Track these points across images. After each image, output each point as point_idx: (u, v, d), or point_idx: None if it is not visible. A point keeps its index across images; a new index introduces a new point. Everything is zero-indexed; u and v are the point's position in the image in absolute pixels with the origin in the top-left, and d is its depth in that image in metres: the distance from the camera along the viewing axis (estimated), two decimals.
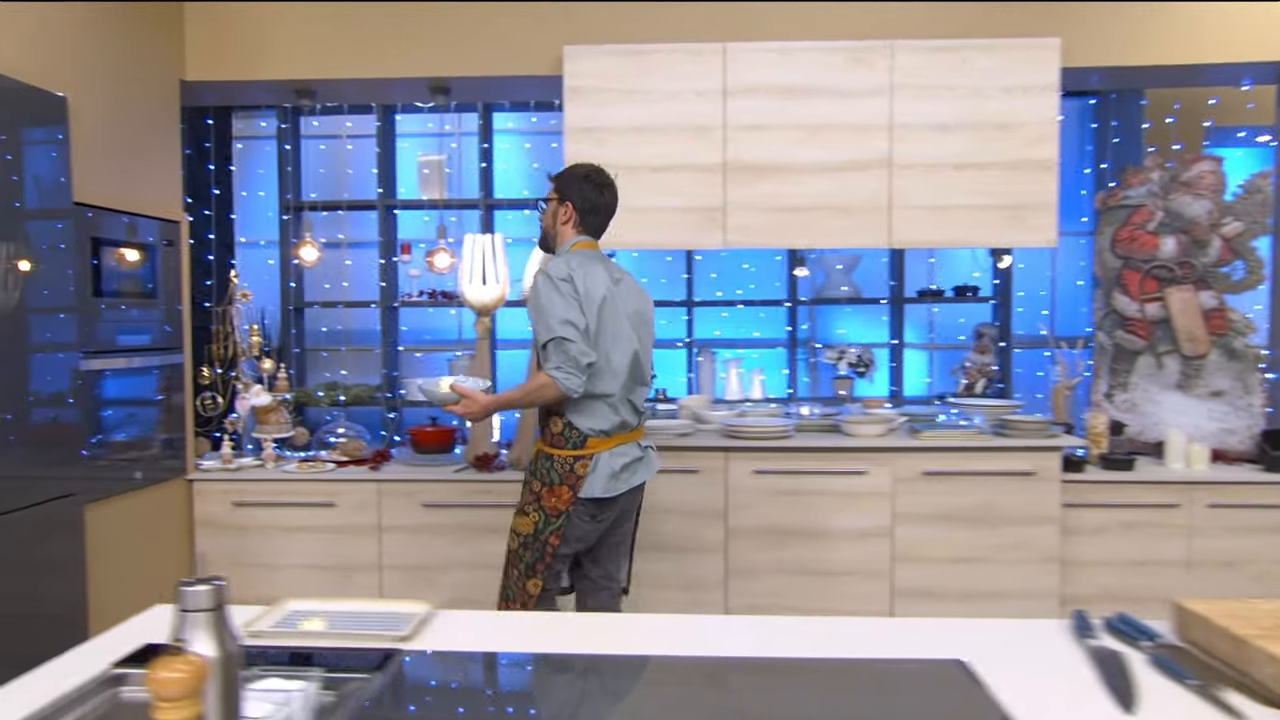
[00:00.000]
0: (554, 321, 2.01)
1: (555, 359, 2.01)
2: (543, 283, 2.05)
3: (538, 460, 2.13)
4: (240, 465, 3.20)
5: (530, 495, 2.14)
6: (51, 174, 2.39)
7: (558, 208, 2.20)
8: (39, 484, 2.33)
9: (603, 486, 2.10)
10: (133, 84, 2.85)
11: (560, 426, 2.11)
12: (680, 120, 2.96)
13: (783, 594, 2.91)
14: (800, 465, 2.90)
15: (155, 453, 2.95)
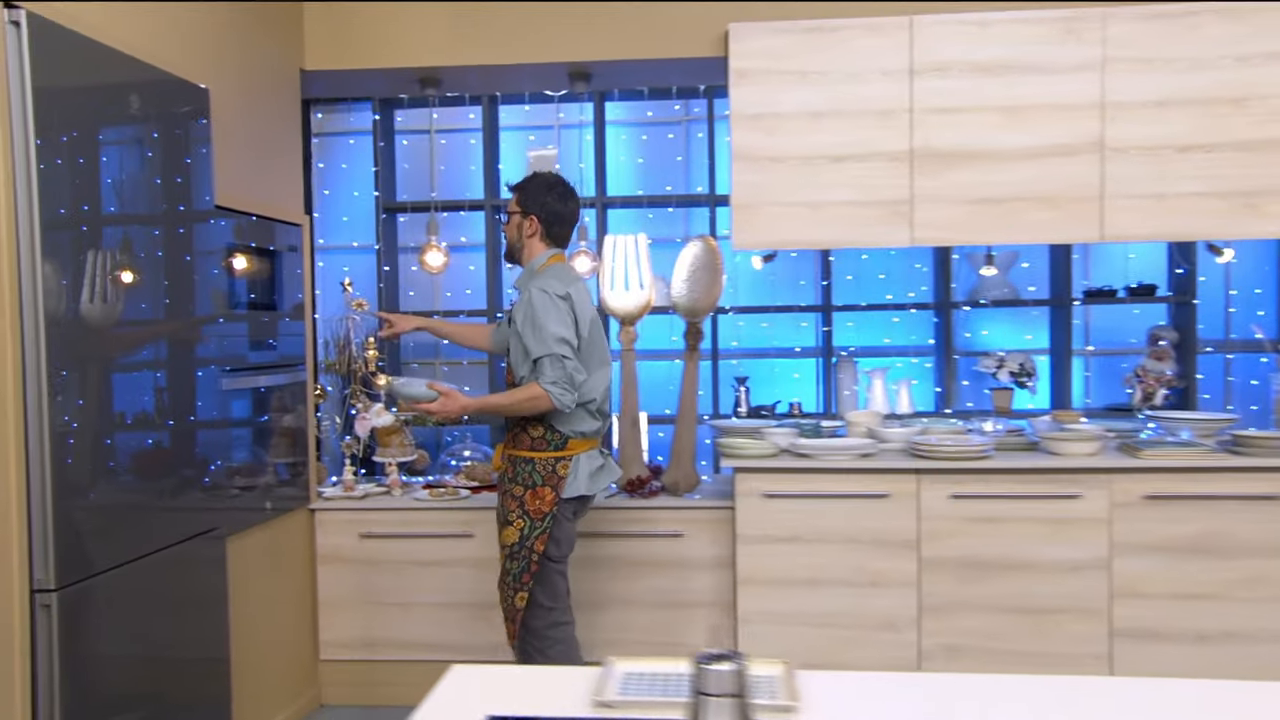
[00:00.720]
0: (550, 338, 2.18)
1: (551, 374, 2.19)
2: (540, 298, 2.21)
3: (515, 466, 2.28)
4: (366, 493, 3.10)
5: (512, 502, 2.27)
6: (196, 174, 2.31)
7: (522, 220, 2.33)
8: (185, 517, 2.25)
9: (585, 484, 2.29)
10: (258, 73, 2.78)
11: (541, 431, 2.27)
12: (861, 104, 2.84)
13: (984, 634, 2.75)
14: (1001, 488, 2.75)
15: (280, 480, 2.86)
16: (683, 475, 3.02)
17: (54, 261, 1.81)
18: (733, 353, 3.73)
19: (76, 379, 1.86)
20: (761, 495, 2.79)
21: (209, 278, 2.36)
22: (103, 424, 1.95)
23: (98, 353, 1.95)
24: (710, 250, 3.07)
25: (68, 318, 1.85)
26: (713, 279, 3.06)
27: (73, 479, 1.84)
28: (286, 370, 2.88)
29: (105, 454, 1.96)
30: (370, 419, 3.15)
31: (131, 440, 2.04)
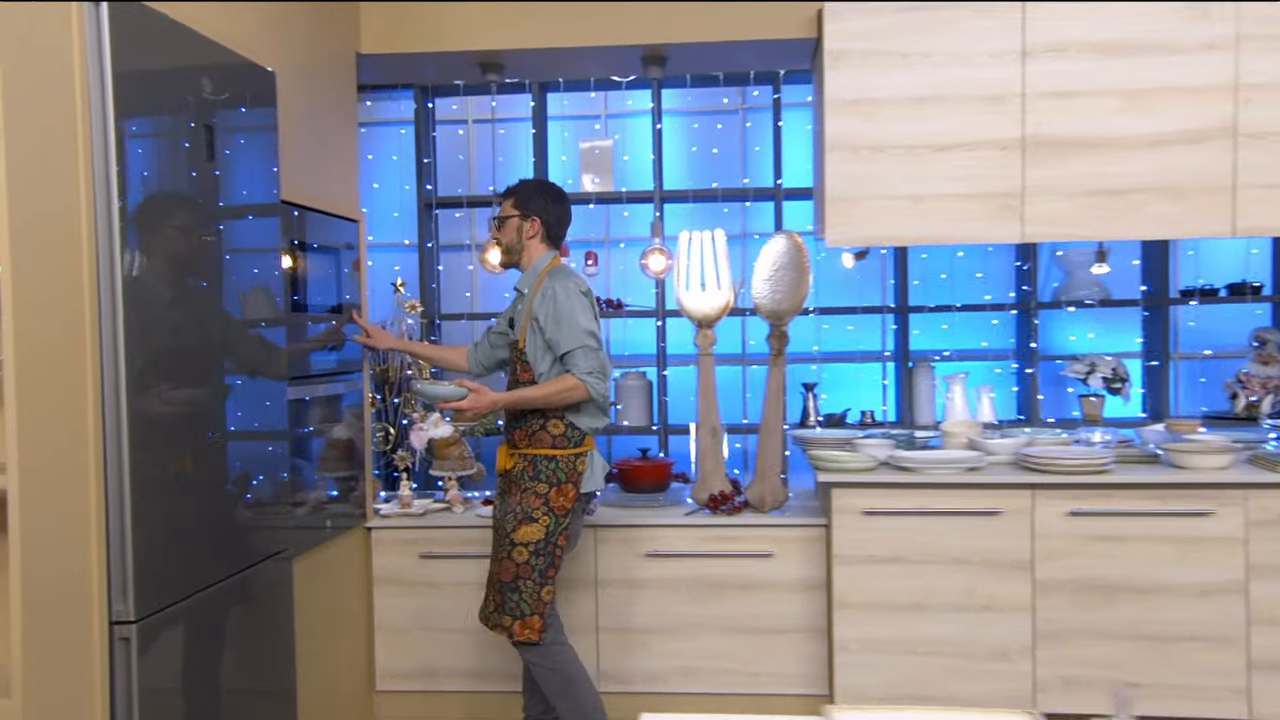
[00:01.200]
0: (580, 331, 2.33)
1: (586, 364, 2.34)
2: (565, 293, 2.36)
3: (536, 465, 2.41)
4: (425, 509, 3.02)
5: (535, 499, 2.40)
6: (264, 164, 2.24)
7: (522, 223, 2.47)
8: (255, 538, 2.17)
9: (599, 479, 2.48)
10: (317, 56, 2.71)
11: (562, 428, 2.42)
12: (968, 88, 2.75)
13: (1106, 664, 2.65)
14: (1124, 504, 2.65)
15: (336, 496, 2.78)
16: (769, 490, 2.93)
17: (133, 259, 1.73)
18: (799, 357, 3.65)
19: (154, 391, 1.78)
20: (861, 512, 2.70)
21: (274, 278, 2.29)
22: (178, 440, 1.87)
23: (175, 360, 1.87)
24: (795, 247, 2.99)
25: (147, 322, 1.77)
26: (798, 278, 2.97)
27: (151, 501, 1.76)
28: (344, 377, 2.80)
29: (181, 472, 1.88)
30: (428, 430, 3.06)
31: (204, 455, 1.96)
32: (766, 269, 3.00)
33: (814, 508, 2.98)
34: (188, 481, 1.91)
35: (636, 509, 3.00)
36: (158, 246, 1.82)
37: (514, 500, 2.43)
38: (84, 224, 1.67)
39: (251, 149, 2.19)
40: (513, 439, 2.48)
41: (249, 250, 2.18)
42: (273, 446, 2.28)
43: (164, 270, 1.84)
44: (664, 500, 3.05)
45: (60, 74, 1.64)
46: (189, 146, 1.94)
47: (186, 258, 1.92)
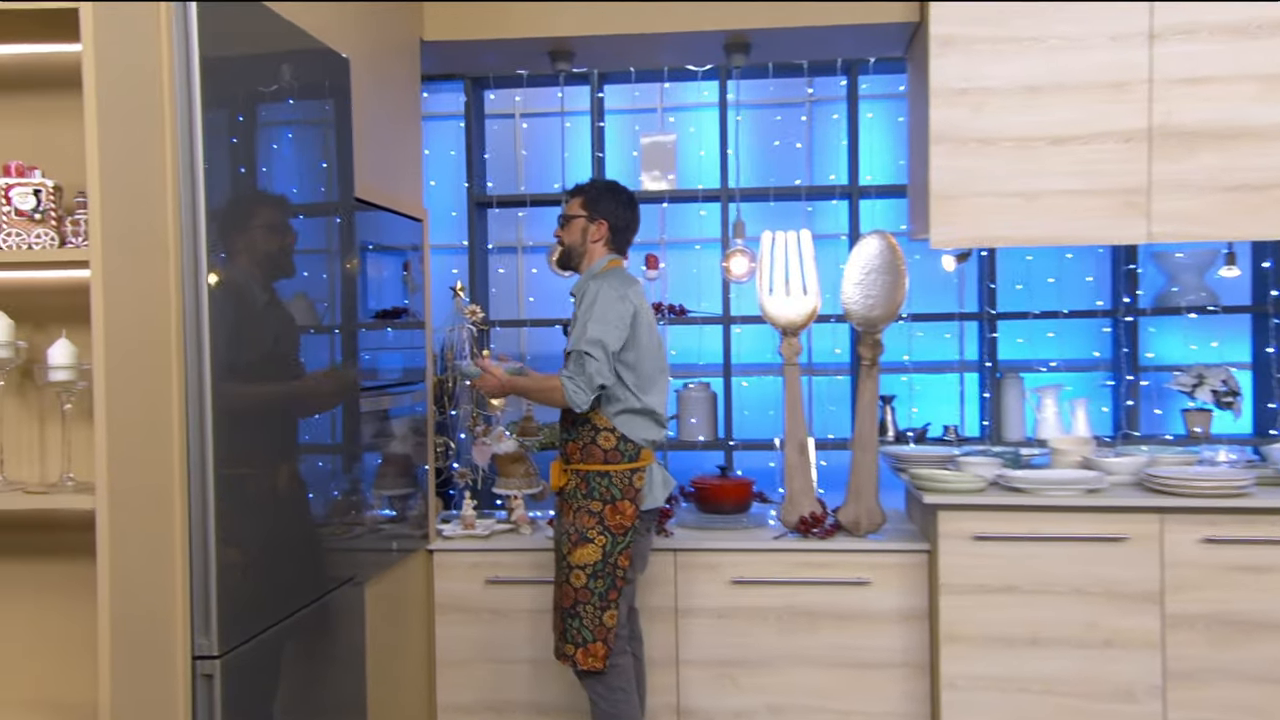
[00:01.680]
0: (586, 336, 2.32)
1: (571, 369, 2.33)
2: (601, 295, 2.34)
3: (588, 481, 2.40)
4: (490, 530, 2.94)
5: (589, 519, 2.39)
6: (341, 159, 2.18)
7: (588, 225, 2.45)
8: (329, 563, 2.11)
9: (660, 495, 2.45)
10: (384, 42, 2.66)
11: (614, 441, 2.40)
12: (1088, 74, 2.65)
13: (1245, 708, 2.53)
14: (1266, 531, 2.53)
15: (399, 516, 2.72)
16: (864, 512, 2.83)
17: (220, 264, 1.67)
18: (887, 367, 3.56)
19: (238, 407, 1.72)
20: (970, 537, 2.60)
21: (349, 281, 2.23)
22: (260, 459, 1.81)
23: (259, 372, 1.82)
24: (889, 248, 2.89)
25: (232, 333, 1.71)
26: (893, 282, 2.88)
27: (235, 527, 1.70)
28: (409, 389, 2.74)
29: (263, 494, 1.82)
30: (491, 445, 3.00)
31: (286, 475, 1.90)
32: (857, 272, 2.91)
33: (911, 531, 2.89)
34: (269, 504, 1.85)
35: (717, 531, 2.91)
36: (243, 249, 1.76)
37: (568, 520, 2.41)
38: (170, 228, 1.61)
39: (329, 142, 2.14)
40: (566, 453, 2.46)
41: (325, 251, 2.12)
42: (346, 463, 2.22)
43: (250, 274, 1.79)
44: (746, 522, 2.97)
45: (148, 63, 1.58)
46: (272, 140, 1.88)
47: (271, 261, 1.87)
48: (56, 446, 1.66)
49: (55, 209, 1.56)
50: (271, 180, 1.90)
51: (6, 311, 1.58)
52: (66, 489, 1.55)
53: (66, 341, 1.57)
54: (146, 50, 1.58)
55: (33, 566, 1.67)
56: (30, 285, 1.66)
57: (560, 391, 2.32)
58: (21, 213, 1.53)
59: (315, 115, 2.08)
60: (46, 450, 1.67)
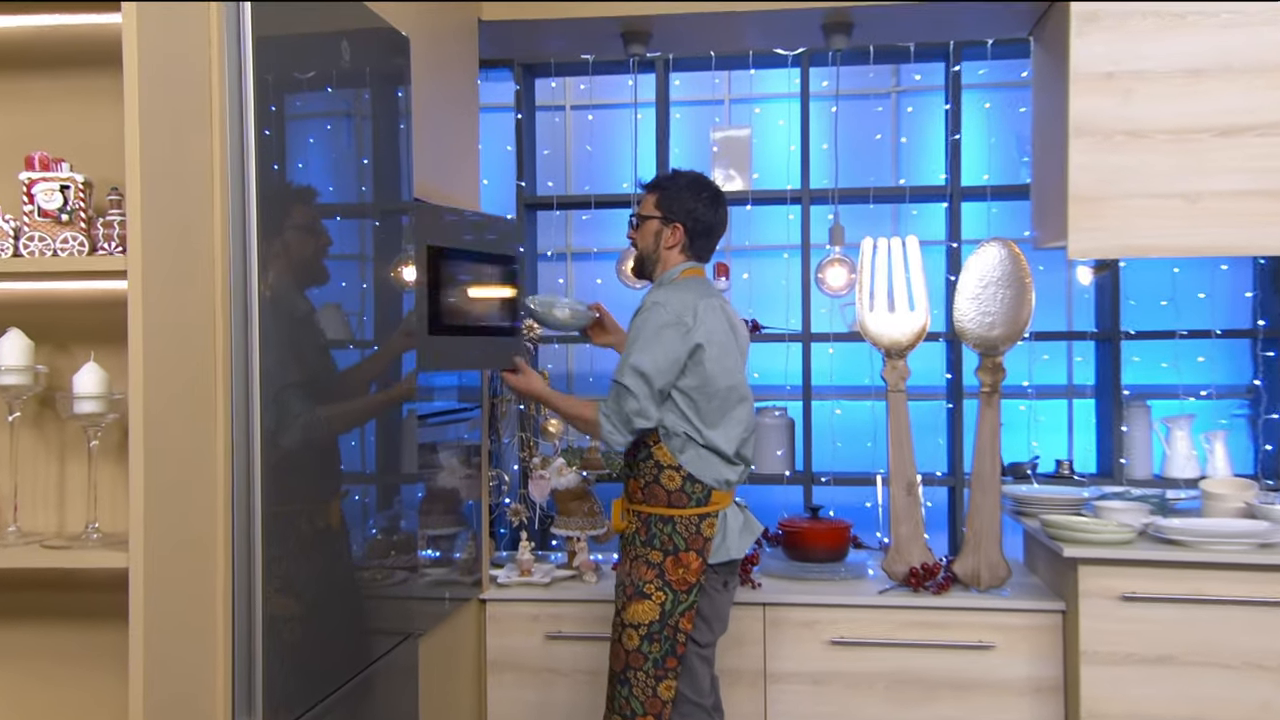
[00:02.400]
0: (629, 366, 2.16)
1: (609, 405, 2.19)
2: (655, 311, 2.17)
3: (649, 526, 2.22)
4: (551, 577, 2.77)
5: (647, 570, 2.21)
6: (400, 152, 2.03)
7: (662, 228, 2.28)
8: (382, 620, 1.95)
9: (735, 546, 2.24)
10: (442, 20, 2.51)
11: (679, 481, 2.21)
12: (1264, 54, 2.44)
13: None
14: None
15: (446, 559, 2.56)
16: (986, 564, 2.63)
17: (271, 277, 1.52)
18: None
19: (288, 444, 1.56)
20: (1118, 597, 2.39)
21: (402, 292, 2.08)
22: (310, 507, 1.65)
23: (313, 398, 1.66)
24: (1012, 258, 2.71)
25: (286, 353, 1.56)
26: (1016, 297, 2.69)
27: (284, 589, 1.54)
28: (463, 414, 2.59)
29: (312, 549, 1.66)
30: (550, 479, 2.83)
31: (332, 523, 1.74)
32: (973, 284, 2.72)
33: (1039, 587, 2.68)
34: (319, 558, 1.69)
35: (811, 582, 2.72)
36: (291, 254, 1.61)
37: (624, 569, 2.25)
38: (217, 233, 1.46)
39: (392, 134, 1.99)
40: (628, 490, 2.28)
41: (390, 257, 1.97)
42: (398, 503, 2.06)
43: (295, 283, 1.63)
44: (844, 572, 2.77)
45: (196, 37, 1.43)
46: (331, 129, 1.73)
47: (316, 266, 1.71)
48: (80, 490, 1.51)
49: (85, 209, 1.42)
50: (329, 176, 1.75)
51: (26, 330, 1.44)
52: (92, 542, 1.40)
53: (95, 366, 1.42)
54: (195, 22, 1.43)
55: (50, 631, 1.52)
56: (53, 298, 1.52)
57: (596, 426, 2.19)
58: (46, 213, 1.39)
59: (378, 103, 1.93)
60: (68, 494, 1.52)
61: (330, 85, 1.74)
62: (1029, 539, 2.92)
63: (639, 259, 2.34)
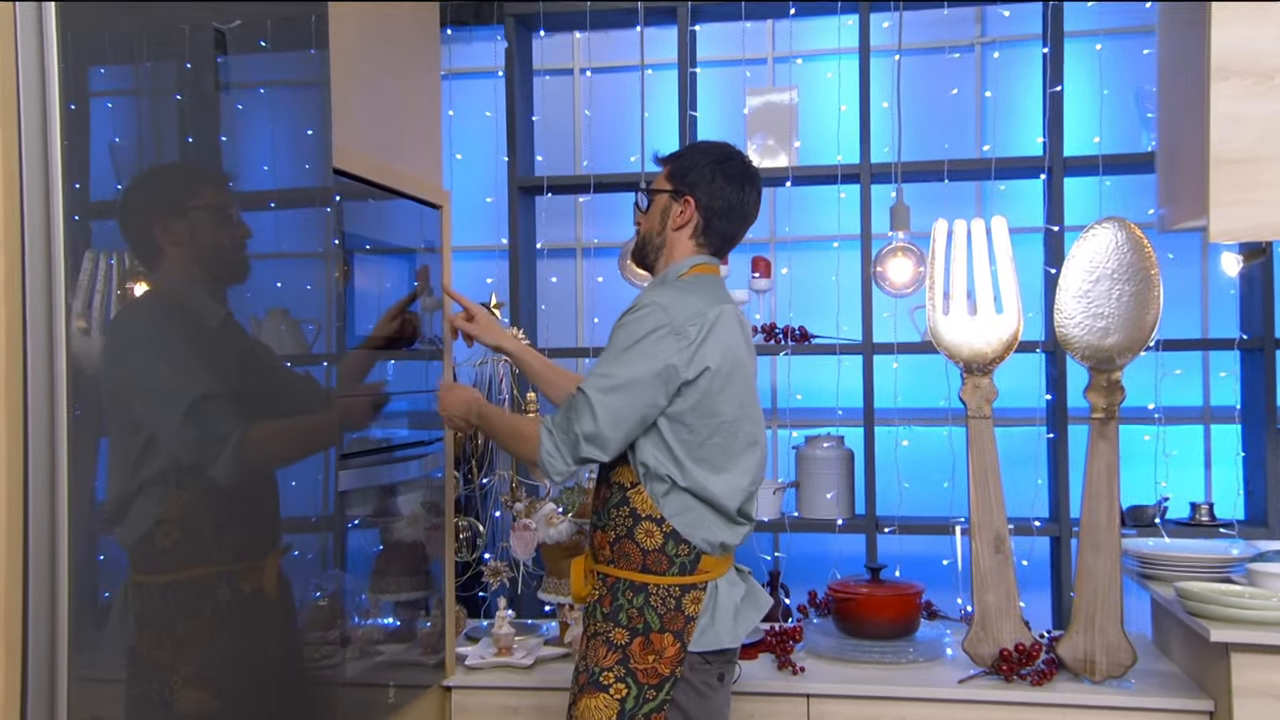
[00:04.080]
0: (600, 372, 1.89)
1: (557, 419, 1.92)
2: (649, 316, 1.89)
3: (615, 594, 1.94)
4: (534, 656, 2.47)
5: (608, 653, 1.91)
6: (302, 120, 1.76)
7: (671, 204, 2.04)
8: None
9: (729, 630, 1.95)
10: None
11: (659, 539, 1.92)
12: None
13: None
14: None
15: (403, 634, 2.28)
16: (1103, 645, 2.27)
17: (91, 284, 1.25)
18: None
19: (114, 489, 1.28)
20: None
21: (318, 296, 1.80)
22: (149, 564, 1.37)
23: (144, 444, 1.38)
24: (1133, 244, 2.39)
25: (101, 373, 1.28)
26: (1139, 294, 2.38)
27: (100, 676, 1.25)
28: (420, 449, 2.30)
29: (157, 620, 1.38)
30: (537, 529, 2.53)
31: (195, 592, 1.46)
32: (1081, 278, 2.41)
33: (1174, 676, 2.32)
34: (171, 635, 1.40)
35: (871, 666, 2.40)
36: (140, 258, 1.34)
37: (583, 650, 1.97)
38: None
39: (284, 100, 1.72)
40: (594, 545, 2.01)
41: (279, 256, 1.69)
42: (315, 566, 1.78)
43: (145, 295, 1.37)
44: (914, 653, 2.43)
45: None
46: (182, 100, 1.45)
47: (179, 272, 1.46)
48: None
49: None
50: (181, 158, 1.47)
51: None
52: None
53: None
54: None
55: None
56: None
57: (534, 443, 1.90)
58: None
59: (279, 68, 1.66)
60: None
61: (180, 46, 1.46)
62: (1159, 610, 2.55)
63: (639, 242, 2.10)
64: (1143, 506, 3.03)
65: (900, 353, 3.03)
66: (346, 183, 2.00)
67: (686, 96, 3.16)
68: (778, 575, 3.06)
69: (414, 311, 2.29)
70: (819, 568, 3.15)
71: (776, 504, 3.14)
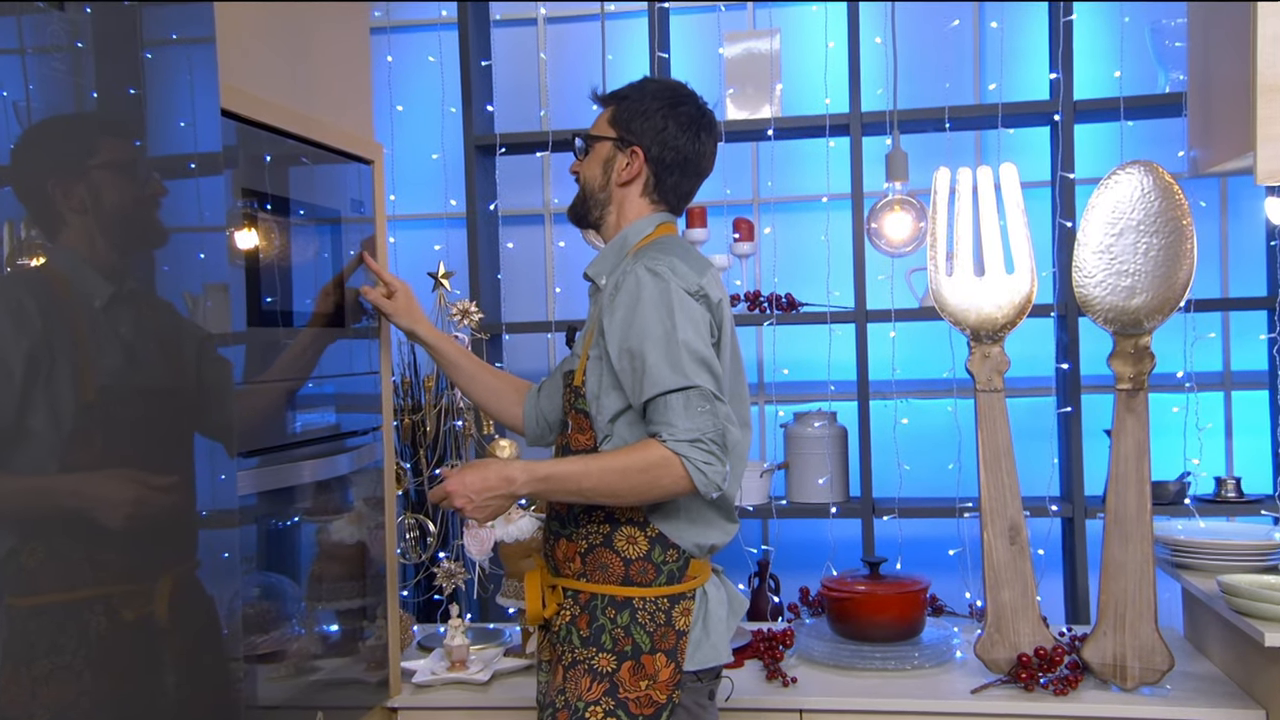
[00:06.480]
0: (688, 357, 1.65)
1: (689, 423, 1.62)
2: (653, 284, 1.68)
3: (594, 613, 1.72)
4: (491, 669, 2.20)
5: (592, 684, 1.69)
6: (169, 53, 1.46)
7: (615, 153, 1.82)
8: None
9: (725, 641, 1.79)
10: None
11: (643, 545, 1.72)
12: None
13: None
14: None
15: (340, 647, 2.02)
16: (1135, 647, 2.01)
17: None
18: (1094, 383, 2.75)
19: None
20: None
21: (219, 267, 1.52)
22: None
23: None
24: (1163, 189, 2.11)
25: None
26: (1171, 247, 2.12)
27: None
28: (353, 441, 2.02)
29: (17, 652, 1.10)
30: (494, 527, 2.26)
31: (61, 621, 1.19)
32: (1102, 231, 2.14)
33: (1216, 680, 2.07)
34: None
35: (871, 675, 2.14)
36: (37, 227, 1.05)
37: (551, 683, 1.76)
38: None
39: (157, 23, 1.41)
40: (555, 558, 1.78)
41: (146, 215, 1.40)
42: (226, 579, 1.51)
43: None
44: (919, 657, 2.16)
45: None
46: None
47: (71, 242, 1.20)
48: None
49: None
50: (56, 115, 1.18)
51: None
52: None
53: None
54: None
55: None
56: None
57: (676, 470, 1.59)
58: None
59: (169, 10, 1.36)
60: None
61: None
62: (1192, 603, 2.28)
63: (579, 197, 1.85)
64: (1163, 483, 2.77)
65: (898, 320, 2.76)
66: (252, 133, 1.71)
67: (656, 36, 2.86)
68: (767, 567, 2.81)
69: (352, 286, 2.01)
70: (812, 557, 2.90)
71: (764, 488, 2.89)
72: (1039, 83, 2.90)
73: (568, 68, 3.24)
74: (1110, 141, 2.87)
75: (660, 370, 1.62)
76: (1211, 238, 2.99)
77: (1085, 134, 2.88)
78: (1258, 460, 2.95)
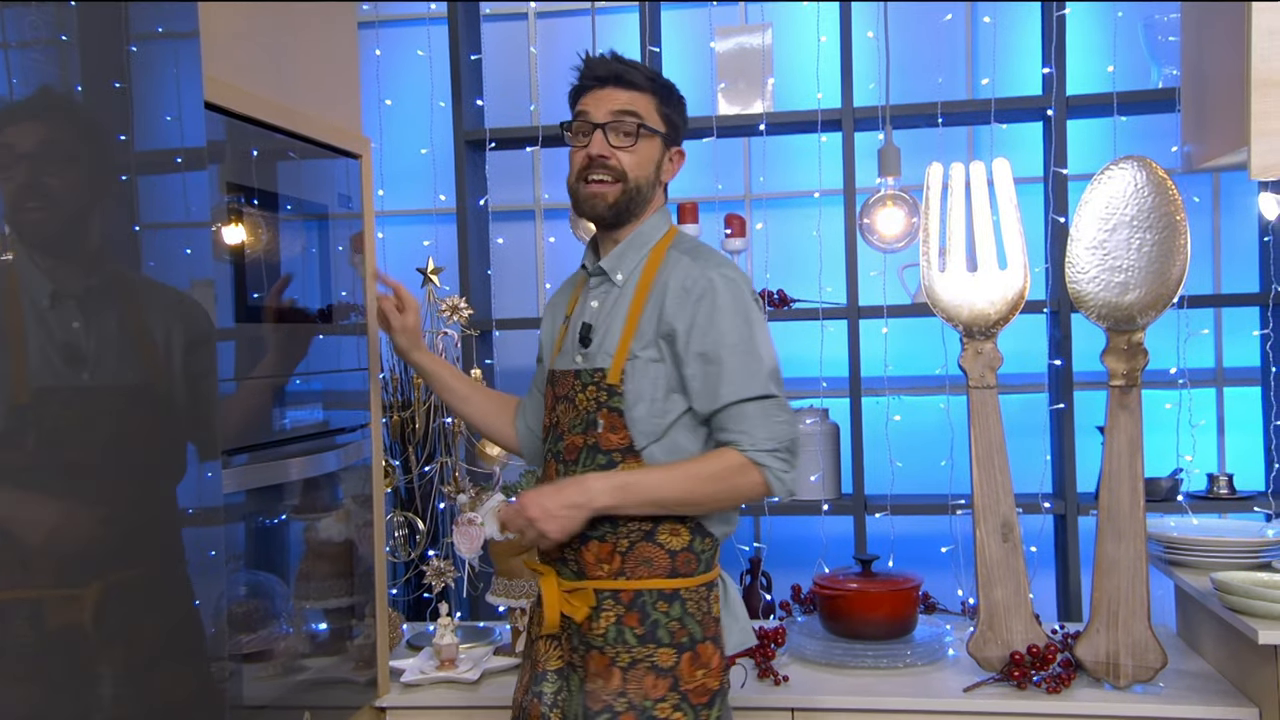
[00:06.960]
0: (766, 366, 1.71)
1: (766, 430, 1.67)
2: (728, 289, 1.70)
3: (645, 610, 1.70)
4: (481, 668, 2.19)
5: (656, 681, 1.68)
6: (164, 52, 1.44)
7: (665, 151, 1.78)
8: None
9: (746, 620, 1.85)
10: None
11: (685, 537, 1.73)
12: None
13: None
14: None
15: (328, 647, 2.01)
16: (1128, 644, 2.02)
17: None
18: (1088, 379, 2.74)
19: None
20: None
21: (204, 263, 1.50)
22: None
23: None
24: (1156, 185, 2.11)
25: None
26: (1164, 243, 2.12)
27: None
28: (341, 438, 2.01)
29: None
30: (485, 525, 2.25)
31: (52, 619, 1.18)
32: (1096, 226, 2.15)
33: (1209, 678, 2.07)
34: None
35: (862, 673, 2.13)
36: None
37: (608, 688, 1.67)
38: None
39: (143, 18, 1.40)
40: (584, 561, 1.70)
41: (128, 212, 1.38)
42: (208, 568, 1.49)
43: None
44: (911, 655, 2.16)
45: None
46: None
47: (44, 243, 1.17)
48: None
49: None
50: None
51: None
52: None
53: None
54: None
55: None
56: None
57: (758, 482, 1.65)
58: None
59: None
60: None
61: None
62: (1185, 599, 2.28)
63: (628, 191, 1.71)
64: (1156, 479, 2.77)
65: (890, 316, 2.75)
66: (238, 128, 1.70)
67: (647, 30, 2.84)
68: (759, 564, 2.80)
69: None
70: (804, 554, 2.89)
71: None
72: (1032, 78, 2.89)
73: (558, 62, 3.21)
74: (1103, 137, 2.86)
75: (738, 377, 1.65)
76: (1204, 233, 2.99)
77: (1078, 129, 2.87)
78: (1250, 457, 2.95)
